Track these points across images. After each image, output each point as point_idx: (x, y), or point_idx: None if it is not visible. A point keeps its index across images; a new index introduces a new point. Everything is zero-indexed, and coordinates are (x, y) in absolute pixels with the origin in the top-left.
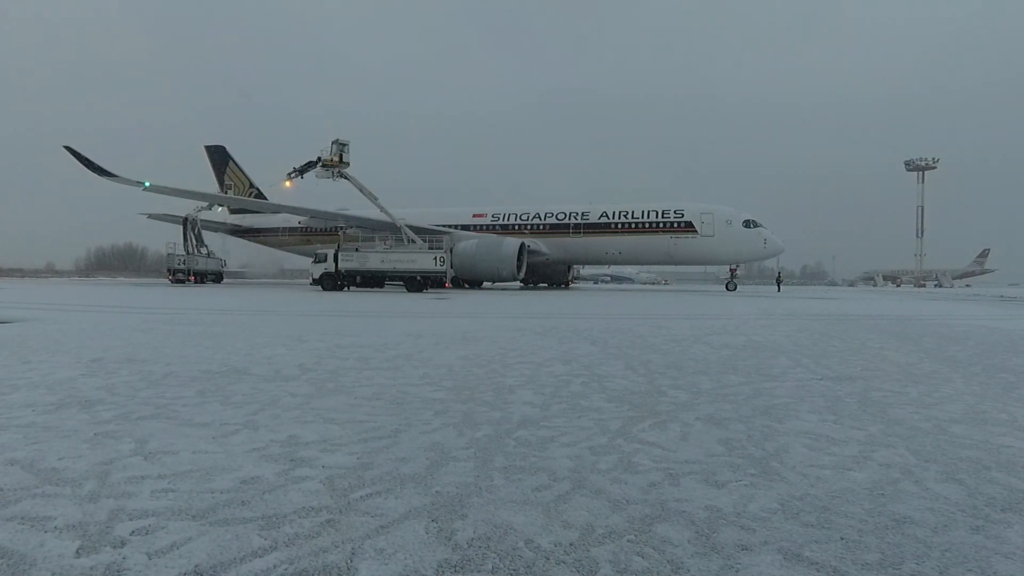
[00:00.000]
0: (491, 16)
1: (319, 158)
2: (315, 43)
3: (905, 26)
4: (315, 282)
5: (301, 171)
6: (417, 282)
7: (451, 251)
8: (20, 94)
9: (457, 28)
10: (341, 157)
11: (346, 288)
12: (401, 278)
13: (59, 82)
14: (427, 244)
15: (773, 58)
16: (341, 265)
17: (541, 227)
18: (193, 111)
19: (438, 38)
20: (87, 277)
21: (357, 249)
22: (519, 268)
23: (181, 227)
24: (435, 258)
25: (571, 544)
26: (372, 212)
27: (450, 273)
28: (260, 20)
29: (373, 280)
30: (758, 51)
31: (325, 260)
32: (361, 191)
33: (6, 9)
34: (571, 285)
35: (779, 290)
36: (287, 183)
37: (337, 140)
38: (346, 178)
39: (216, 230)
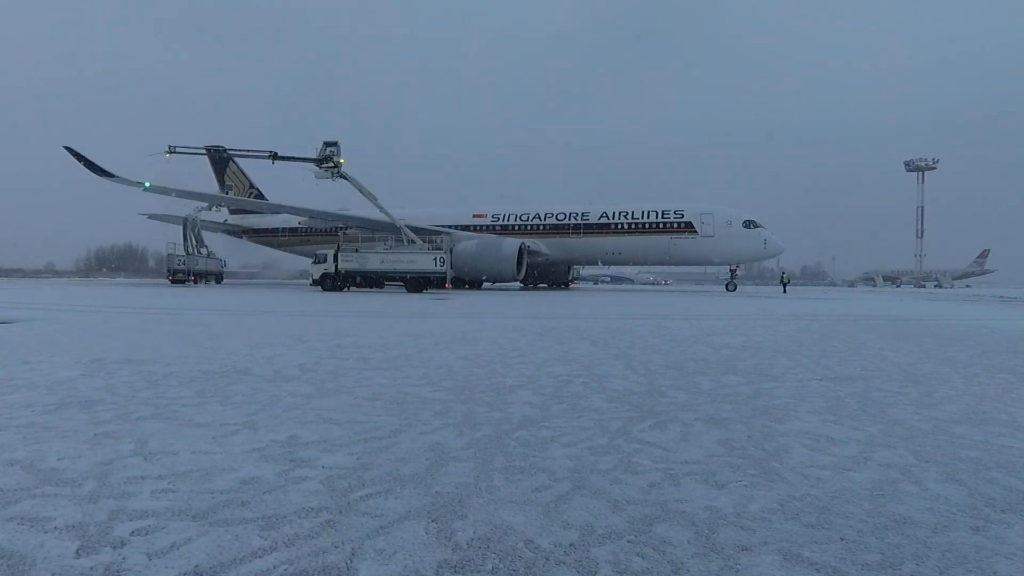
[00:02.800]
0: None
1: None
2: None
3: (905, 26)
4: (315, 283)
5: (274, 157)
6: (417, 282)
7: (451, 251)
8: (20, 93)
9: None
10: (327, 158)
11: (346, 289)
12: (401, 278)
13: (59, 78)
14: (427, 245)
15: (772, 56)
16: (341, 266)
17: (541, 227)
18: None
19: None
20: (87, 277)
21: (357, 250)
22: (519, 268)
23: (181, 227)
24: (435, 259)
25: (571, 544)
26: (372, 213)
27: (450, 274)
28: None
29: (373, 281)
30: (758, 49)
31: (325, 261)
32: (360, 191)
33: (6, 8)
34: (571, 285)
35: (784, 291)
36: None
37: (327, 141)
38: (345, 178)
39: (215, 230)
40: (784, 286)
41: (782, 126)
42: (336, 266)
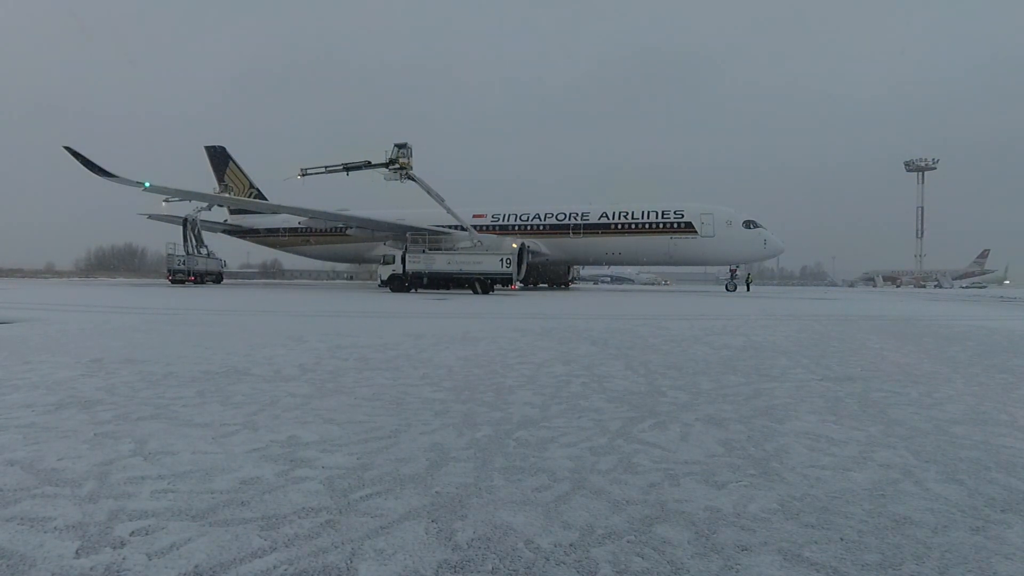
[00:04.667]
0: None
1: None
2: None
3: (905, 26)
4: (383, 283)
5: (349, 168)
6: (484, 283)
7: (524, 253)
8: (20, 92)
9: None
10: (395, 159)
11: (413, 290)
12: (467, 280)
13: (60, 78)
14: (493, 246)
15: (772, 56)
16: (408, 267)
17: (541, 228)
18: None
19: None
20: (87, 278)
21: (424, 251)
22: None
23: (181, 227)
24: (501, 259)
25: (571, 544)
26: (373, 213)
27: (515, 274)
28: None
29: (439, 282)
30: (757, 49)
31: (393, 262)
32: (428, 192)
33: (7, 9)
34: (571, 286)
35: (748, 289)
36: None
37: (397, 143)
38: (413, 179)
39: (215, 230)
40: (748, 285)
41: (781, 125)
42: (404, 267)
